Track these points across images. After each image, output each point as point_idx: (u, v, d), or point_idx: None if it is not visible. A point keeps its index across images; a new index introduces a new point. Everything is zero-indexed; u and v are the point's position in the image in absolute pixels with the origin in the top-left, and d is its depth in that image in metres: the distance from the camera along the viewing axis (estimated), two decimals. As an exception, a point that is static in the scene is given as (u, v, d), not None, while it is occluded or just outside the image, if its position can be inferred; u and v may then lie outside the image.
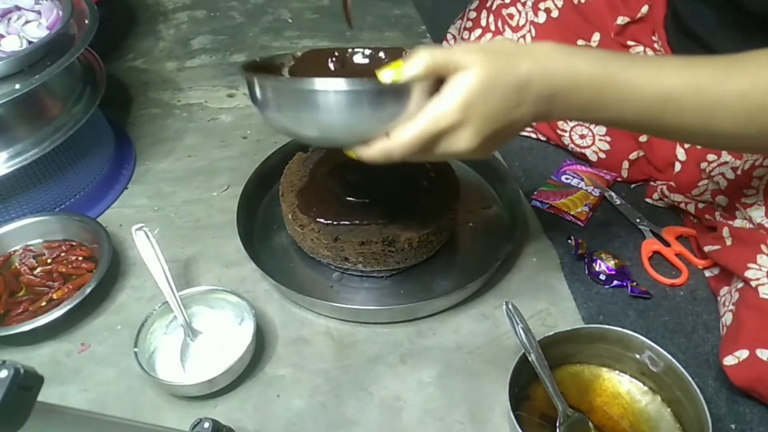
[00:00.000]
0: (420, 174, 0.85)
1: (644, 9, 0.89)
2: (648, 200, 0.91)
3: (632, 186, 0.95)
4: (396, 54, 0.72)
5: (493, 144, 0.55)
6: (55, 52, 0.83)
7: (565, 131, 0.95)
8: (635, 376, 0.66)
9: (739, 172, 0.78)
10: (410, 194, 0.81)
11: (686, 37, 0.82)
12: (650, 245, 0.85)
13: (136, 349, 0.70)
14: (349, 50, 0.75)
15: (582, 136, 0.94)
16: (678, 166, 0.86)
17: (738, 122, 0.54)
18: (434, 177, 0.85)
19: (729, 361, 0.64)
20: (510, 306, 0.63)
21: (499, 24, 0.96)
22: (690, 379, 0.60)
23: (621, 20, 0.90)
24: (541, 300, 0.79)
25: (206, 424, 0.55)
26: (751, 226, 0.72)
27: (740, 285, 0.70)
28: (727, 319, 0.69)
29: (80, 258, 0.83)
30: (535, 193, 0.93)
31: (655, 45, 0.89)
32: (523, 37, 0.93)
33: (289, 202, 0.81)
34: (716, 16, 0.75)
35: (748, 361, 0.63)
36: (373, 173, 0.69)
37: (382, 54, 0.74)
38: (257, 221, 0.91)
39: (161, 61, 1.30)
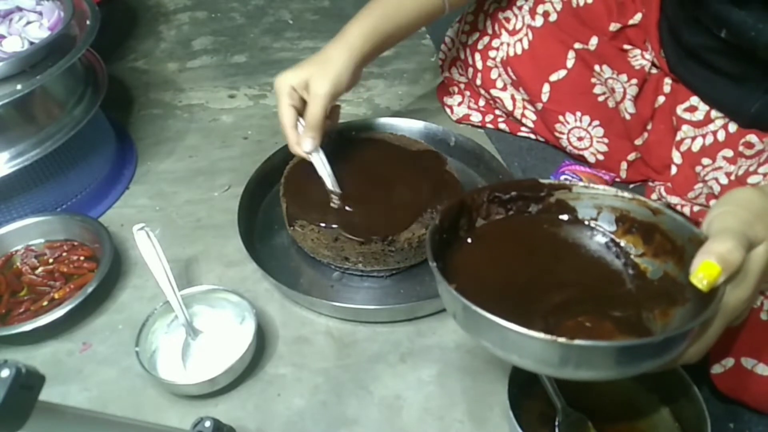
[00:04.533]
0: (421, 175, 0.85)
1: (637, 16, 0.89)
2: (647, 201, 0.92)
3: (631, 186, 0.95)
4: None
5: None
6: (57, 53, 0.83)
7: (563, 133, 0.95)
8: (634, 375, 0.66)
9: (732, 177, 0.79)
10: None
11: (685, 54, 0.82)
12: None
13: (137, 349, 0.70)
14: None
15: (580, 138, 0.94)
16: (674, 169, 0.86)
17: None
18: (434, 178, 0.85)
19: (716, 369, 0.64)
20: None
21: (496, 27, 0.96)
22: (688, 378, 0.61)
23: (613, 27, 0.90)
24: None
25: (207, 423, 0.55)
26: None
27: None
28: None
29: (82, 258, 0.83)
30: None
31: (647, 55, 0.89)
32: (520, 40, 0.94)
33: (289, 203, 0.81)
34: (717, 43, 0.75)
35: (734, 369, 0.63)
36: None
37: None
38: (258, 221, 0.91)
39: (162, 61, 1.31)
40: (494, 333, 0.46)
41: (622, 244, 0.59)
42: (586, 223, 0.60)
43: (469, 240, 0.59)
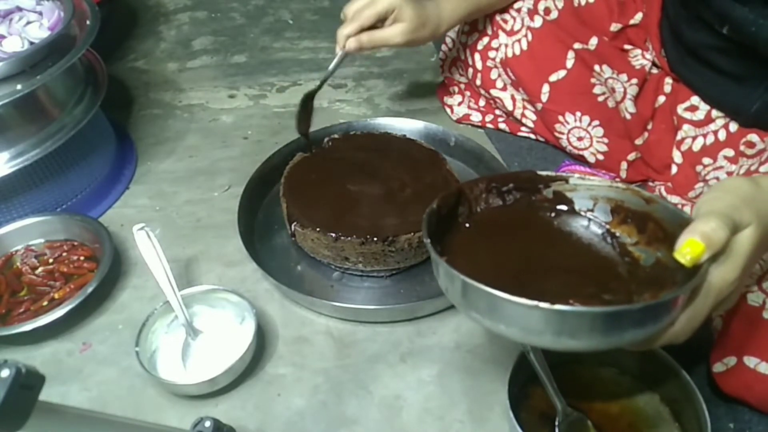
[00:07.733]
0: (420, 174, 0.85)
1: (638, 16, 0.89)
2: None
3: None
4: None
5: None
6: (57, 53, 0.83)
7: (563, 133, 0.95)
8: (634, 375, 0.66)
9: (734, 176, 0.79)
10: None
11: (686, 52, 0.82)
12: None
13: (137, 349, 0.70)
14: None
15: (580, 138, 0.94)
16: (674, 169, 0.86)
17: None
18: (434, 178, 0.85)
19: (718, 368, 0.64)
20: None
21: (495, 28, 0.96)
22: (688, 378, 0.60)
23: (614, 27, 0.90)
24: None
25: (207, 423, 0.55)
26: None
27: None
28: (718, 324, 0.69)
29: (82, 258, 0.83)
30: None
31: (647, 54, 0.89)
32: (519, 41, 0.94)
33: (289, 203, 0.81)
34: (718, 40, 0.75)
35: (736, 368, 0.63)
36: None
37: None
38: (258, 221, 0.91)
39: (162, 61, 1.31)
40: (481, 302, 0.47)
41: (618, 234, 0.59)
42: (583, 213, 0.61)
43: (467, 225, 0.60)
